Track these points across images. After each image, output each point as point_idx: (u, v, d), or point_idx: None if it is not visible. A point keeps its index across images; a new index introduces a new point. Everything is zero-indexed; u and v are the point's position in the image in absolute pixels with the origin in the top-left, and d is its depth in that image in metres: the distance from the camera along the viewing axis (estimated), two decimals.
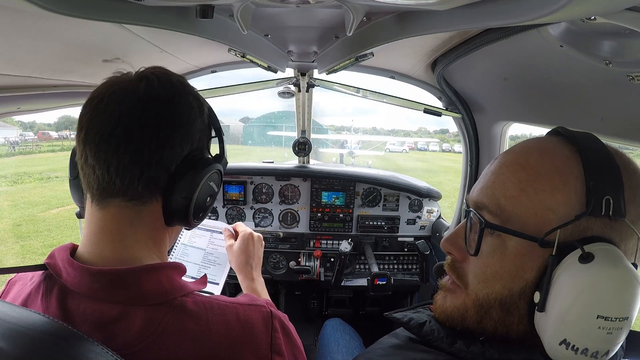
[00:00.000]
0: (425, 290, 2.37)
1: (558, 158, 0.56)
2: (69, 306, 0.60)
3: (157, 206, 0.67)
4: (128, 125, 0.61)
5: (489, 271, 0.58)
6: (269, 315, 0.69)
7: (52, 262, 0.64)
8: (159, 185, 0.65)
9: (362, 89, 2.05)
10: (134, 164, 0.62)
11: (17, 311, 0.53)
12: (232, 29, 1.15)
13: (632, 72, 0.80)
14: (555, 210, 0.53)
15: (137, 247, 0.66)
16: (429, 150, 40.73)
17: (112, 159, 0.61)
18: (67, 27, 0.91)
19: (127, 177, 0.62)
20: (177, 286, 0.64)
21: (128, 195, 0.64)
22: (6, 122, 25.25)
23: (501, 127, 1.69)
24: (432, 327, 0.66)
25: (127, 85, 0.65)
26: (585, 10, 0.58)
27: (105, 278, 0.60)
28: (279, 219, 2.36)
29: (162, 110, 0.64)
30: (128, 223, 0.65)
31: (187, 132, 0.67)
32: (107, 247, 0.64)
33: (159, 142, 0.63)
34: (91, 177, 0.63)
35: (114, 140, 0.61)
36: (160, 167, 0.64)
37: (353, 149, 23.44)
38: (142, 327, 0.59)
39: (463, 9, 0.76)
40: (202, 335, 0.61)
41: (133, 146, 0.61)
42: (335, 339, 1.65)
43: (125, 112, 0.62)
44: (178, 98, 0.66)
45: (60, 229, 8.85)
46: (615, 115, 0.99)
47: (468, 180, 1.98)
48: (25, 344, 0.49)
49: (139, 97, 0.63)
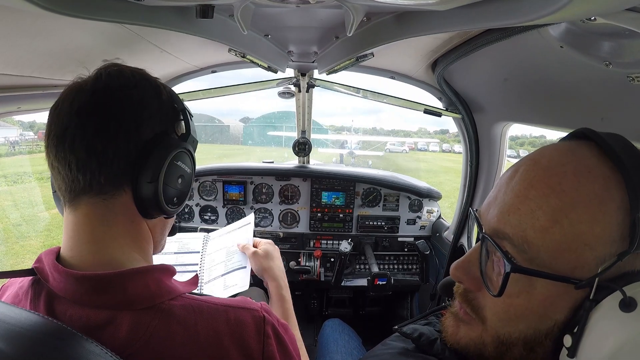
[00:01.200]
0: (425, 290, 2.37)
1: (598, 182, 0.47)
2: (57, 311, 0.59)
3: (127, 198, 0.64)
4: (79, 121, 0.61)
5: (512, 311, 0.51)
6: (261, 321, 0.66)
7: (39, 267, 0.62)
8: (123, 175, 0.63)
9: (362, 89, 2.05)
10: (91, 157, 0.61)
11: (15, 312, 0.53)
12: (232, 29, 1.15)
13: (632, 72, 0.80)
14: (594, 246, 0.46)
15: (115, 245, 0.64)
16: (429, 150, 40.69)
17: (71, 156, 0.61)
18: (67, 27, 0.91)
19: (87, 172, 0.61)
20: (165, 289, 0.62)
21: (94, 191, 0.62)
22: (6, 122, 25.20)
23: (501, 127, 1.69)
24: (442, 346, 0.63)
25: (79, 83, 0.65)
26: (585, 10, 0.58)
27: (89, 283, 0.58)
28: (279, 219, 2.36)
29: (110, 99, 0.63)
30: (101, 220, 0.63)
31: (142, 116, 0.64)
32: (85, 248, 0.63)
33: (112, 131, 0.61)
34: (58, 179, 0.64)
35: (69, 138, 0.60)
36: (119, 156, 0.62)
37: (353, 149, 23.43)
38: (129, 333, 0.57)
39: (463, 9, 0.76)
40: (191, 341, 0.59)
41: (86, 140, 0.60)
42: (335, 339, 1.65)
43: (75, 108, 0.62)
44: (127, 84, 0.65)
45: (60, 229, 8.70)
46: (615, 115, 0.99)
47: (468, 180, 1.98)
48: (23, 344, 0.49)
49: (87, 91, 0.63)
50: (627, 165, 0.47)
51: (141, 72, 0.69)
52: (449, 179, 16.50)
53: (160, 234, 0.76)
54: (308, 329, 2.57)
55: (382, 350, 0.70)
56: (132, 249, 0.67)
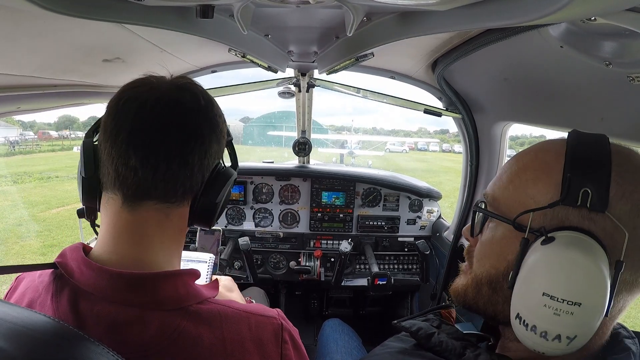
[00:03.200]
0: (425, 290, 2.37)
1: (550, 154, 0.60)
2: (81, 307, 0.59)
3: (185, 209, 0.70)
4: (178, 134, 0.65)
5: (482, 251, 0.65)
6: (279, 328, 0.71)
7: (63, 262, 0.63)
8: (193, 190, 0.69)
9: (362, 89, 2.05)
10: (181, 170, 0.65)
11: (18, 311, 0.53)
12: (232, 29, 1.15)
13: (632, 72, 0.80)
14: (535, 198, 0.57)
15: (161, 250, 0.67)
16: (429, 150, 40.72)
17: (162, 163, 0.63)
18: (67, 27, 0.91)
19: (171, 182, 0.65)
20: (192, 293, 0.65)
21: (165, 198, 0.66)
22: (6, 122, 25.26)
23: (501, 127, 1.69)
24: (440, 338, 0.66)
25: (169, 93, 0.66)
26: (585, 10, 0.58)
27: (123, 280, 0.60)
28: (279, 219, 2.36)
29: (206, 123, 0.69)
30: (157, 225, 0.66)
31: (220, 143, 0.73)
32: (130, 249, 0.65)
33: (202, 152, 0.67)
34: (130, 178, 0.63)
35: (165, 147, 0.63)
36: (199, 174, 0.68)
37: (353, 149, 23.45)
38: (157, 332, 0.59)
39: (463, 9, 0.76)
40: (216, 342, 0.61)
41: (183, 154, 0.65)
42: (334, 339, 1.65)
43: (175, 121, 0.65)
44: (215, 112, 0.72)
45: (60, 229, 8.85)
46: (615, 115, 0.99)
47: (468, 180, 1.98)
48: (27, 344, 0.49)
49: (187, 108, 0.67)
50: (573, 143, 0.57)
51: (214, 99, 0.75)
52: (449, 178, 16.51)
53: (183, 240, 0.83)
54: (308, 329, 2.57)
55: (381, 351, 0.72)
56: (173, 253, 0.71)
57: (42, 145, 27.69)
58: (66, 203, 10.90)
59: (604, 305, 0.49)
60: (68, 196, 11.68)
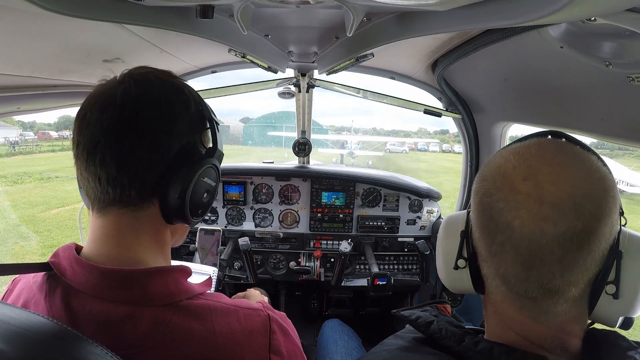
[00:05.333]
0: (425, 290, 2.37)
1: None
2: (74, 306, 0.60)
3: (154, 209, 0.66)
4: (110, 137, 0.61)
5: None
6: (267, 319, 0.71)
7: (55, 261, 0.63)
8: (152, 188, 0.65)
9: (362, 90, 2.05)
10: (122, 174, 0.62)
11: (16, 312, 0.53)
12: (232, 29, 1.15)
13: (632, 73, 0.80)
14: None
15: (141, 249, 0.67)
16: (429, 150, 40.68)
17: (101, 172, 0.61)
18: (67, 27, 0.91)
19: (118, 187, 0.62)
20: (183, 289, 0.65)
21: (124, 203, 0.64)
22: (6, 122, 25.24)
23: (501, 127, 1.69)
24: (439, 325, 0.67)
25: (107, 93, 0.64)
26: (585, 11, 0.58)
27: (114, 277, 0.61)
28: (279, 219, 2.36)
29: (142, 115, 0.63)
30: (129, 229, 0.65)
31: (173, 130, 0.65)
32: (113, 249, 0.65)
33: (144, 148, 0.62)
34: (88, 188, 0.64)
35: (99, 153, 0.61)
36: (149, 171, 0.63)
37: (353, 149, 23.45)
38: (149, 327, 0.59)
39: (463, 9, 0.76)
40: (208, 335, 0.62)
41: (117, 157, 0.61)
42: (334, 339, 1.65)
43: (105, 123, 0.61)
44: (156, 96, 0.65)
45: (60, 229, 8.85)
46: (615, 116, 0.99)
47: (468, 180, 1.98)
48: (24, 345, 0.49)
49: (117, 105, 0.62)
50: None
51: (170, 80, 0.68)
52: (449, 179, 16.50)
53: (180, 237, 0.80)
54: (308, 329, 2.57)
55: (379, 349, 0.72)
56: (156, 253, 0.70)
57: (42, 146, 27.67)
58: (66, 203, 10.89)
59: None
60: (68, 196, 11.67)
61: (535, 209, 0.52)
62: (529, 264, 0.54)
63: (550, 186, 0.52)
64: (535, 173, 0.54)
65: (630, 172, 14.24)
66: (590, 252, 0.53)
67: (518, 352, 0.57)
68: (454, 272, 0.68)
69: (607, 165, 0.56)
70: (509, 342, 0.60)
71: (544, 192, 0.52)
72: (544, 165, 0.55)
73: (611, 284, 0.56)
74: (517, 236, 0.54)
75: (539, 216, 0.52)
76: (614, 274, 0.56)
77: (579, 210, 0.51)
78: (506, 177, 0.57)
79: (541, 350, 0.58)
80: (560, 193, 0.52)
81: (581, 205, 0.51)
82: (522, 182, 0.54)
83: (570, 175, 0.53)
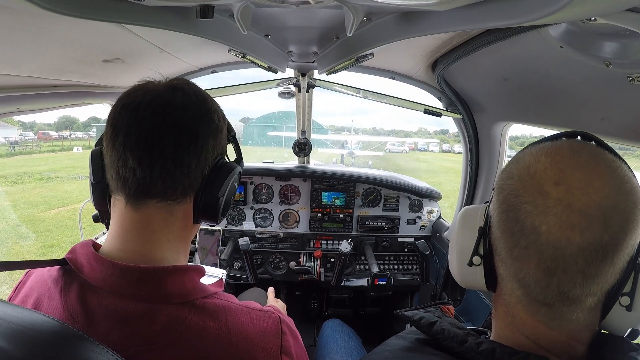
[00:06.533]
0: (425, 290, 2.37)
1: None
2: (90, 301, 0.61)
3: (188, 205, 0.71)
4: (171, 133, 0.66)
5: None
6: (278, 321, 0.74)
7: (73, 258, 0.65)
8: (194, 186, 0.70)
9: (363, 90, 2.05)
10: (177, 168, 0.67)
11: (18, 311, 0.53)
12: (232, 29, 1.15)
13: (632, 73, 0.80)
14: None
15: (167, 246, 0.70)
16: (429, 150, 40.67)
17: (157, 163, 0.65)
18: (67, 27, 0.91)
19: (169, 180, 0.66)
20: (198, 288, 0.68)
21: (167, 196, 0.68)
22: (6, 122, 25.25)
23: (501, 127, 1.69)
24: (442, 326, 0.66)
25: (162, 95, 0.68)
26: (585, 11, 0.58)
27: (133, 275, 0.63)
28: (279, 219, 2.36)
29: (200, 120, 0.70)
30: (162, 222, 0.69)
31: (217, 138, 0.73)
32: (138, 245, 0.67)
33: (197, 149, 0.69)
34: (130, 179, 0.66)
35: (159, 146, 0.65)
36: (197, 170, 0.70)
37: (353, 149, 23.45)
38: (166, 325, 0.61)
39: (463, 9, 0.76)
40: (223, 334, 0.64)
41: (177, 152, 0.66)
42: (334, 339, 1.65)
43: (167, 120, 0.66)
44: (209, 108, 0.73)
45: (60, 229, 8.85)
46: (615, 116, 0.99)
47: (468, 180, 1.98)
48: (27, 344, 0.49)
49: (178, 107, 0.68)
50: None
51: (209, 95, 0.77)
52: (449, 179, 16.51)
53: (194, 235, 0.84)
54: (308, 329, 2.57)
55: (381, 349, 0.72)
56: (179, 250, 0.73)
57: (42, 146, 27.67)
58: (66, 203, 10.90)
59: None
60: (68, 197, 11.68)
61: (564, 216, 0.50)
62: (551, 271, 0.53)
63: (580, 194, 0.51)
64: (567, 178, 0.52)
65: None
66: (613, 264, 0.52)
67: (521, 354, 0.57)
68: (468, 268, 0.66)
69: (635, 175, 0.55)
70: (517, 344, 0.59)
71: (574, 200, 0.50)
72: (577, 170, 0.53)
73: (626, 295, 0.55)
74: (543, 242, 0.52)
75: (567, 224, 0.50)
76: (630, 286, 0.55)
77: (607, 221, 0.50)
78: (536, 179, 0.54)
79: (548, 354, 0.58)
80: (590, 202, 0.50)
81: (610, 217, 0.50)
82: (553, 186, 0.52)
83: (602, 184, 0.51)
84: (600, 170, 0.53)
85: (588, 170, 0.53)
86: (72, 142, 31.43)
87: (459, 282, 0.71)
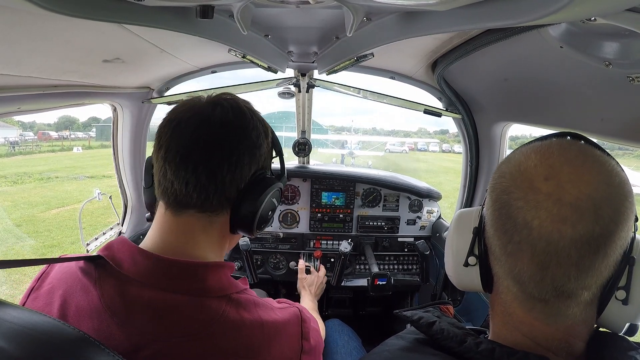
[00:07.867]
0: (425, 291, 2.37)
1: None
2: (129, 294, 0.64)
3: (226, 217, 0.76)
4: (205, 149, 0.70)
5: None
6: (298, 311, 0.82)
7: (109, 254, 0.68)
8: (230, 200, 0.74)
9: (362, 90, 2.05)
10: (210, 183, 0.70)
11: (19, 312, 0.53)
12: (232, 29, 1.15)
13: (632, 73, 0.80)
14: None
15: (205, 246, 0.75)
16: (429, 150, 40.70)
17: (191, 177, 0.69)
18: (67, 27, 0.91)
19: (203, 194, 0.70)
20: (232, 283, 0.74)
21: (203, 208, 0.72)
22: (6, 122, 25.26)
23: (501, 127, 1.69)
24: (441, 326, 0.66)
25: (203, 110, 0.73)
26: (585, 11, 0.58)
27: (176, 268, 0.67)
28: (279, 219, 2.36)
29: (235, 136, 0.73)
30: (201, 230, 0.74)
31: (255, 154, 0.76)
32: (178, 243, 0.72)
33: (232, 164, 0.71)
34: (169, 189, 0.71)
35: (192, 162, 0.69)
36: (232, 185, 0.73)
37: (353, 149, 23.46)
38: (204, 316, 0.65)
39: (463, 9, 0.76)
40: (256, 326, 0.70)
41: (210, 168, 0.70)
42: (334, 339, 1.65)
43: (202, 136, 0.70)
44: (248, 124, 0.75)
45: (60, 229, 8.85)
46: (615, 116, 0.99)
47: (468, 180, 1.98)
48: (27, 344, 0.49)
49: (214, 123, 0.71)
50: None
51: (256, 112, 0.79)
52: (449, 179, 16.51)
53: (233, 244, 0.88)
54: None
55: (381, 349, 0.72)
56: (216, 252, 0.79)
57: (42, 146, 27.68)
58: (66, 203, 10.89)
59: None
60: (68, 197, 11.68)
61: (555, 209, 0.51)
62: (544, 265, 0.53)
63: (570, 187, 0.51)
64: (556, 173, 0.53)
65: (630, 172, 14.33)
66: (606, 256, 0.52)
67: (520, 354, 0.57)
68: (463, 269, 0.67)
69: (623, 170, 0.56)
70: (515, 343, 0.59)
71: (564, 193, 0.51)
72: (566, 165, 0.54)
73: (622, 289, 0.56)
74: (535, 236, 0.53)
75: (558, 217, 0.51)
76: (625, 279, 0.55)
77: (598, 213, 0.50)
78: (526, 175, 0.55)
79: (547, 352, 0.58)
80: (580, 195, 0.51)
81: (600, 209, 0.50)
82: (543, 182, 0.53)
83: (592, 177, 0.52)
84: (589, 164, 0.54)
85: (577, 165, 0.53)
86: (72, 142, 31.45)
87: (456, 284, 0.72)
